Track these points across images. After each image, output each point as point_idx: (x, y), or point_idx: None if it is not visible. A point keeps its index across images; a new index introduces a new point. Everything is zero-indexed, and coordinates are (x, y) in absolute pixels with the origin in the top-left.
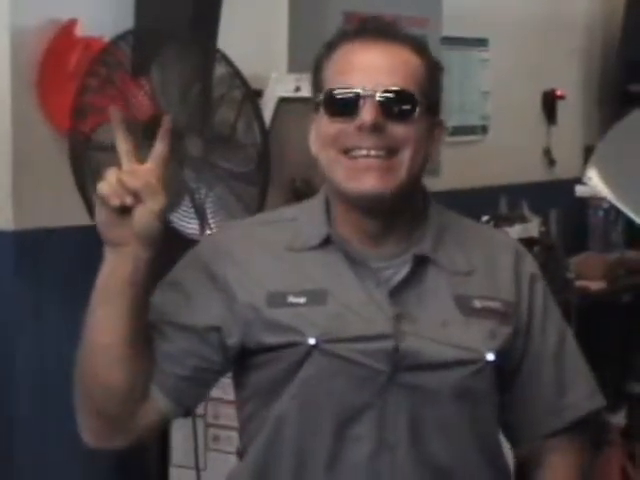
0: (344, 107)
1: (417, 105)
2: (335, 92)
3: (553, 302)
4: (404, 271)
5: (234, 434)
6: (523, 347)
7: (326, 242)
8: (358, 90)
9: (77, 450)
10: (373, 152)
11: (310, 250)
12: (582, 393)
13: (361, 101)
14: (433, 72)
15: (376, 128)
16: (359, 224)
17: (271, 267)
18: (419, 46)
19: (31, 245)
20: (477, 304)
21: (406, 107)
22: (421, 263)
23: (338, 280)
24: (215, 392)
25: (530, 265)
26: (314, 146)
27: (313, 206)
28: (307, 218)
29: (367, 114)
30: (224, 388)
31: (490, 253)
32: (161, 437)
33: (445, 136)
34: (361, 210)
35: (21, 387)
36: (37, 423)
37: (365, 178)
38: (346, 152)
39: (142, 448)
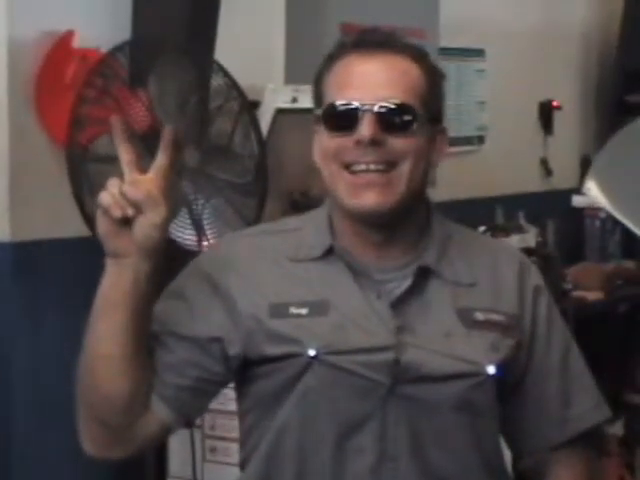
0: (343, 122)
1: (416, 117)
2: (334, 107)
3: (557, 313)
4: (406, 283)
5: (231, 445)
6: (527, 359)
7: (329, 253)
8: (356, 105)
9: (74, 459)
10: (372, 166)
11: (312, 261)
12: (587, 405)
13: (359, 115)
14: (434, 81)
15: (375, 142)
16: (362, 235)
17: (273, 277)
18: (419, 55)
19: (28, 257)
20: (479, 316)
21: (405, 120)
22: (423, 275)
23: (340, 291)
24: (213, 403)
25: (534, 277)
26: (317, 159)
27: (316, 217)
28: (310, 229)
29: (365, 129)
30: (222, 399)
31: (494, 265)
32: (158, 448)
33: (447, 143)
34: (363, 223)
35: (18, 396)
36: (35, 437)
37: (366, 194)
38: (347, 167)
39: (140, 459)
